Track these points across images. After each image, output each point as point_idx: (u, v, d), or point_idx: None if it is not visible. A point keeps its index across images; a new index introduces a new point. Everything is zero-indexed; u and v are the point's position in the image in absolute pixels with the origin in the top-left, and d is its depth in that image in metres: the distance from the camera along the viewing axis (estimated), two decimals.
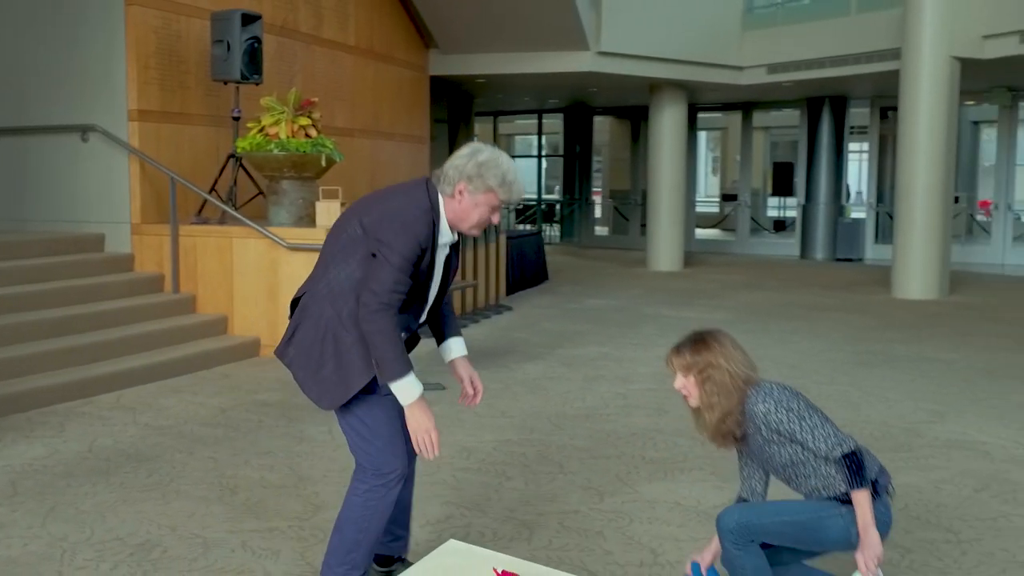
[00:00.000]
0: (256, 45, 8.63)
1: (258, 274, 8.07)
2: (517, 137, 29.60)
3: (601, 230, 21.92)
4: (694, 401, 3.08)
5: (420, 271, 3.01)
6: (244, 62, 8.51)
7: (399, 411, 3.10)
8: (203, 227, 8.36)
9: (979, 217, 19.18)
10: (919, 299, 11.79)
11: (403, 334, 3.07)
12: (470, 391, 3.34)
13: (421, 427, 3.00)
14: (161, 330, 7.72)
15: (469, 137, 19.05)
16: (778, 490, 3.34)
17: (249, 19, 8.57)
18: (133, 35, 8.37)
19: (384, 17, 12.31)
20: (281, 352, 3.18)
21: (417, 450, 3.06)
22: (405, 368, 2.95)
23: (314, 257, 8.08)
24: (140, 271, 8.48)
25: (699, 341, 3.06)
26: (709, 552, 3.23)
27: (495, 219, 3.10)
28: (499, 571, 2.83)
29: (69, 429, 5.71)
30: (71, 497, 4.52)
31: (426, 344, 3.90)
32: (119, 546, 3.93)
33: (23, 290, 7.37)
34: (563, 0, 12.18)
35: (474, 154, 3.03)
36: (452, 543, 3.20)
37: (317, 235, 7.96)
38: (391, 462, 3.12)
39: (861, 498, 2.87)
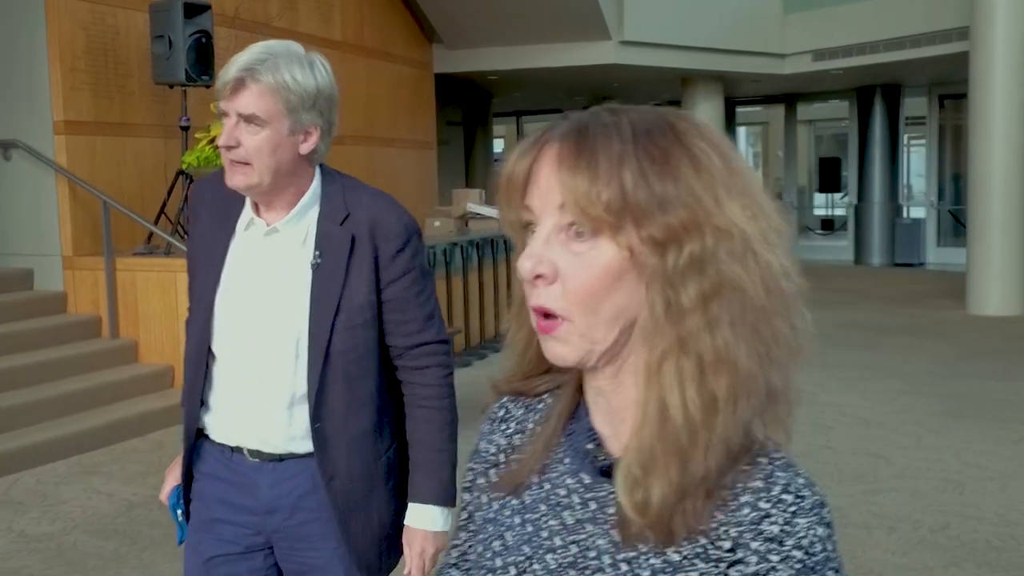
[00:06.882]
0: (204, 40, 7.23)
1: None
2: None
3: None
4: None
5: (206, 275, 2.01)
6: (190, 60, 7.11)
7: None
8: (145, 260, 6.99)
9: None
10: (1000, 315, 10.14)
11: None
12: None
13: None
14: (92, 387, 6.36)
15: (487, 141, 17.61)
16: None
17: (194, 9, 7.16)
18: (56, 32, 7.00)
19: (376, 8, 10.90)
20: None
21: None
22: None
23: None
24: (74, 313, 7.12)
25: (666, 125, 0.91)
26: None
27: (232, 129, 1.89)
28: None
29: None
30: None
31: None
32: None
33: None
34: None
35: None
36: None
37: None
38: None
39: None
